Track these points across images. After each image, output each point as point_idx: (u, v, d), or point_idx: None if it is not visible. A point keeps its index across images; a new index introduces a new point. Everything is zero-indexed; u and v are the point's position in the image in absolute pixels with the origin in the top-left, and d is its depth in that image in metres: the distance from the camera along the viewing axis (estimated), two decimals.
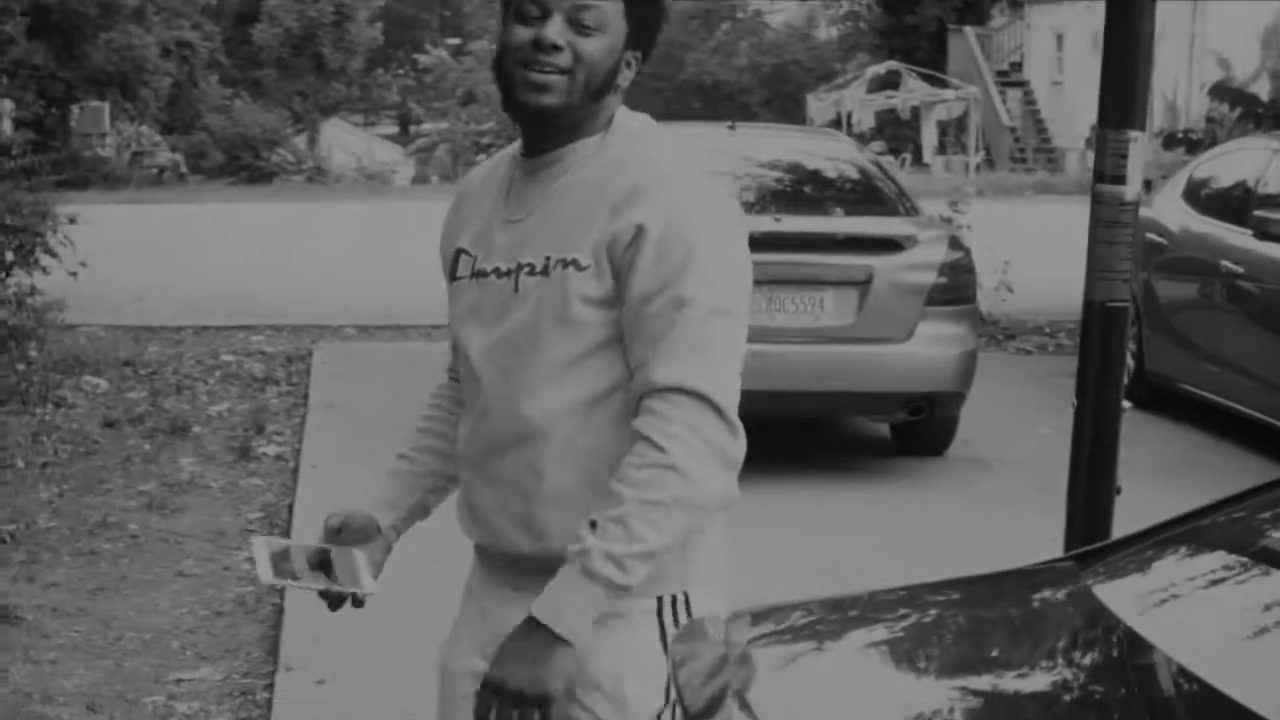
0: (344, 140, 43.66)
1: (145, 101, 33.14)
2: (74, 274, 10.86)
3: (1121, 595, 2.64)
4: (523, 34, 2.42)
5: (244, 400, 10.59)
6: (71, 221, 10.69)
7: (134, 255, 14.81)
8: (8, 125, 11.41)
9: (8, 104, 12.53)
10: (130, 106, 32.20)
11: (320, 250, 17.69)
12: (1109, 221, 5.13)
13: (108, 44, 31.71)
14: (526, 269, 2.42)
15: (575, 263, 2.37)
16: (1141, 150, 5.21)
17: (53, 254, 10.72)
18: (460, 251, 2.59)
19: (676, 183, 2.43)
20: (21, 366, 10.29)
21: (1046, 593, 2.90)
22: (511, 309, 2.44)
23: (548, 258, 2.40)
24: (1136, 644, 2.45)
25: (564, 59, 2.38)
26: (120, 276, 13.34)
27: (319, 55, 45.64)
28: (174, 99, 35.55)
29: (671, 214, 2.35)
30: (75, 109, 27.73)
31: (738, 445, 2.36)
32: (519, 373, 2.45)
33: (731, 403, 2.34)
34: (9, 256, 10.43)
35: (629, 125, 2.57)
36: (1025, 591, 2.94)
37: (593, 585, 2.27)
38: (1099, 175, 5.25)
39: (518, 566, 2.52)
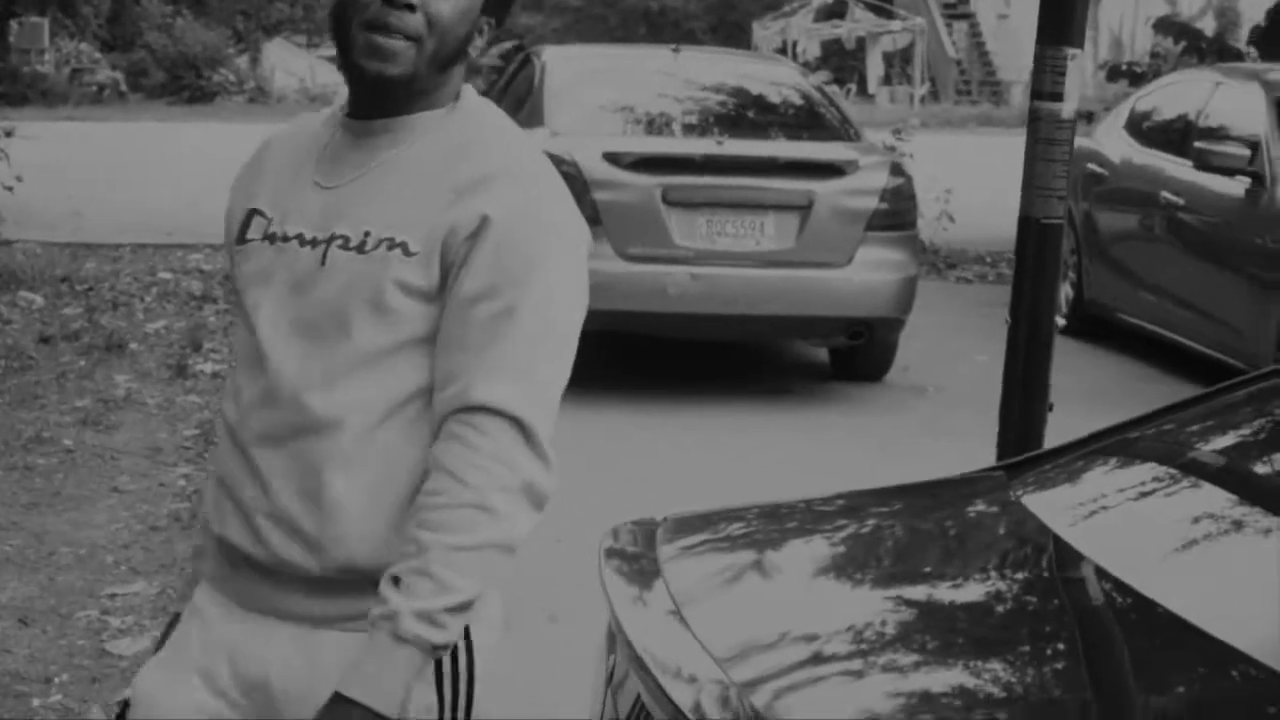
0: (287, 61, 42.80)
1: (85, 18, 32.88)
2: (9, 189, 10.72)
3: (1048, 504, 2.63)
4: None
5: (181, 318, 10.45)
6: (8, 135, 10.60)
7: (72, 172, 15.03)
8: None
9: None
10: (70, 23, 31.84)
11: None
12: (1046, 139, 5.13)
13: None
14: (339, 241, 2.07)
15: (403, 246, 2.04)
16: (1079, 68, 5.19)
17: None
18: (254, 212, 2.21)
19: (533, 179, 2.13)
20: None
21: (978, 502, 2.86)
22: (315, 283, 2.08)
23: (367, 233, 2.06)
24: (1063, 551, 2.47)
25: (415, 22, 2.03)
26: (58, 193, 13.31)
27: None
28: (115, 15, 35.36)
29: (522, 212, 2.05)
30: (14, 24, 27.34)
31: (550, 481, 2.05)
32: (315, 358, 2.09)
33: (549, 433, 2.05)
34: None
35: (479, 106, 2.25)
36: (957, 500, 2.91)
37: (407, 649, 1.97)
38: (1036, 93, 5.23)
39: (279, 580, 2.14)
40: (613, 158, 8.31)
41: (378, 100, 2.12)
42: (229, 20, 39.70)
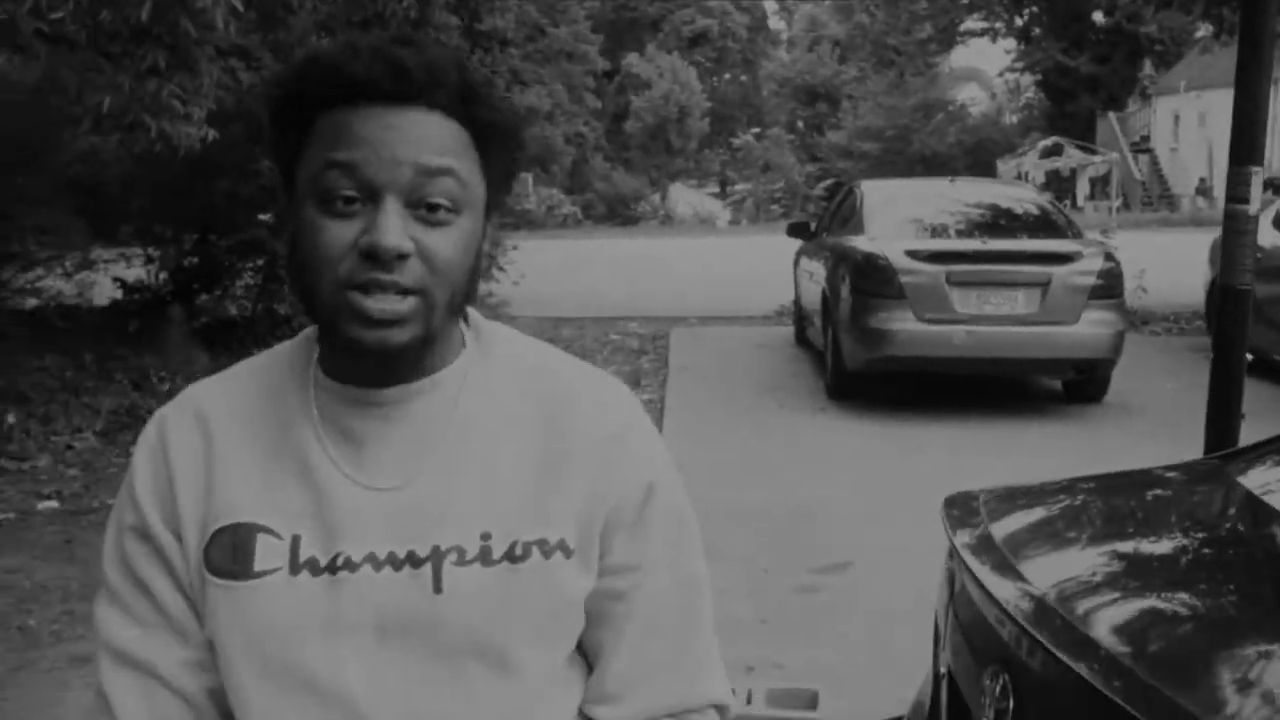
0: (684, 196, 48.69)
1: (554, 173, 36.58)
2: (516, 283, 11.37)
3: (1254, 480, 2.57)
4: (340, 235, 1.17)
5: (625, 364, 11.02)
6: (514, 249, 11.50)
7: (549, 272, 15.37)
8: None
9: None
10: (545, 176, 34.97)
11: (671, 268, 18.18)
12: (1237, 230, 5.46)
13: (529, 135, 35.60)
14: (452, 556, 1.25)
15: (562, 545, 1.28)
16: (1259, 179, 5.46)
17: (503, 270, 11.15)
18: (259, 531, 1.26)
19: (642, 423, 1.37)
20: None
21: (1203, 480, 2.82)
22: (430, 619, 1.24)
23: (487, 536, 1.26)
24: (1261, 510, 2.45)
25: (414, 272, 1.18)
26: (541, 286, 13.70)
27: (668, 141, 54.32)
28: (574, 170, 39.37)
29: (662, 466, 1.36)
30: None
31: None
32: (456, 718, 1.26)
33: None
34: None
35: (489, 327, 1.38)
36: (1187, 478, 2.84)
37: None
38: (1231, 198, 5.51)
39: None
40: (912, 253, 9.06)
41: (388, 369, 1.27)
42: (646, 171, 45.59)
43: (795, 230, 12.73)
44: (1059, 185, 36.87)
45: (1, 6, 5.72)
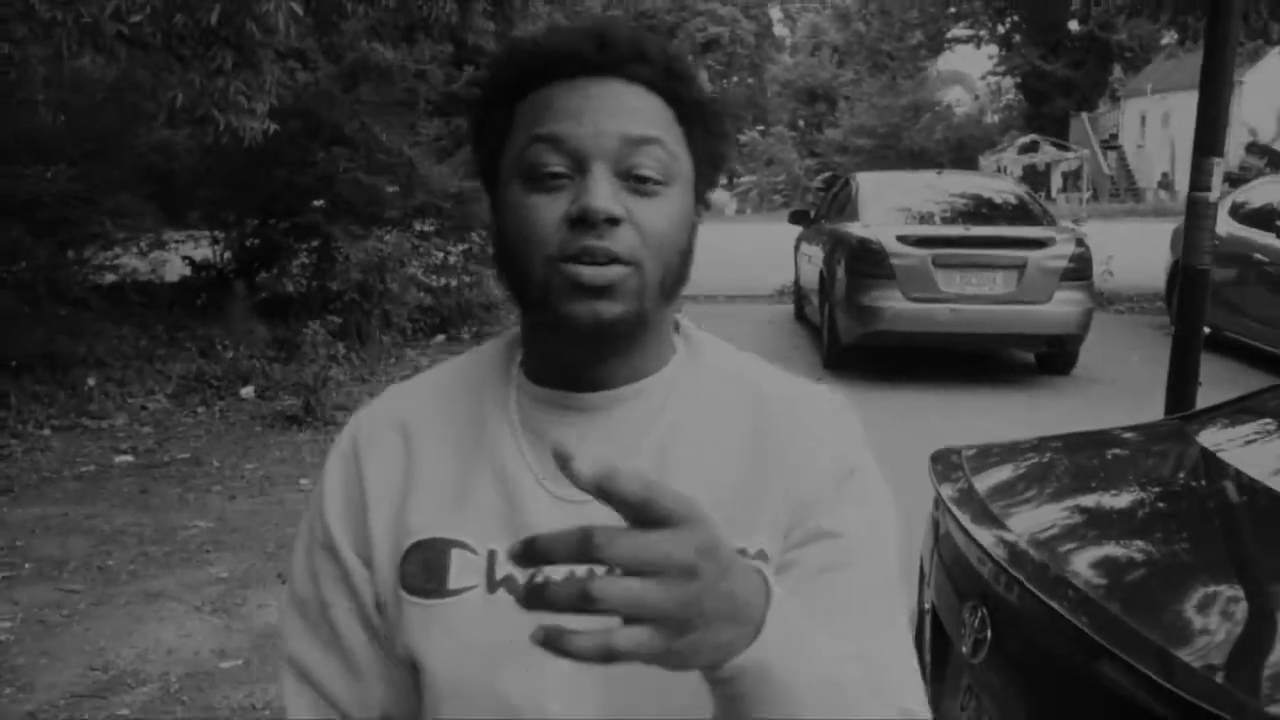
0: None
1: None
2: None
3: (1208, 437, 2.63)
4: (550, 209, 1.02)
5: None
6: None
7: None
8: None
9: None
10: None
11: None
12: (1199, 215, 5.47)
13: None
14: None
15: (761, 555, 1.08)
16: (1220, 170, 5.46)
17: None
18: (454, 546, 1.09)
19: (848, 426, 1.17)
20: (512, 317, 11.62)
21: (1165, 437, 2.87)
22: None
23: None
24: (1213, 461, 2.52)
25: (627, 240, 1.01)
26: None
27: None
28: None
29: (865, 461, 1.15)
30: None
31: None
32: None
33: None
34: None
35: (700, 336, 1.22)
36: (1150, 436, 2.90)
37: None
38: (1194, 186, 5.49)
39: None
40: (902, 238, 9.06)
41: (595, 358, 1.08)
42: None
43: (796, 218, 12.77)
44: (1035, 179, 36.90)
45: (86, 10, 5.73)
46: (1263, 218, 10.13)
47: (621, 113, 1.03)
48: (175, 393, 8.21)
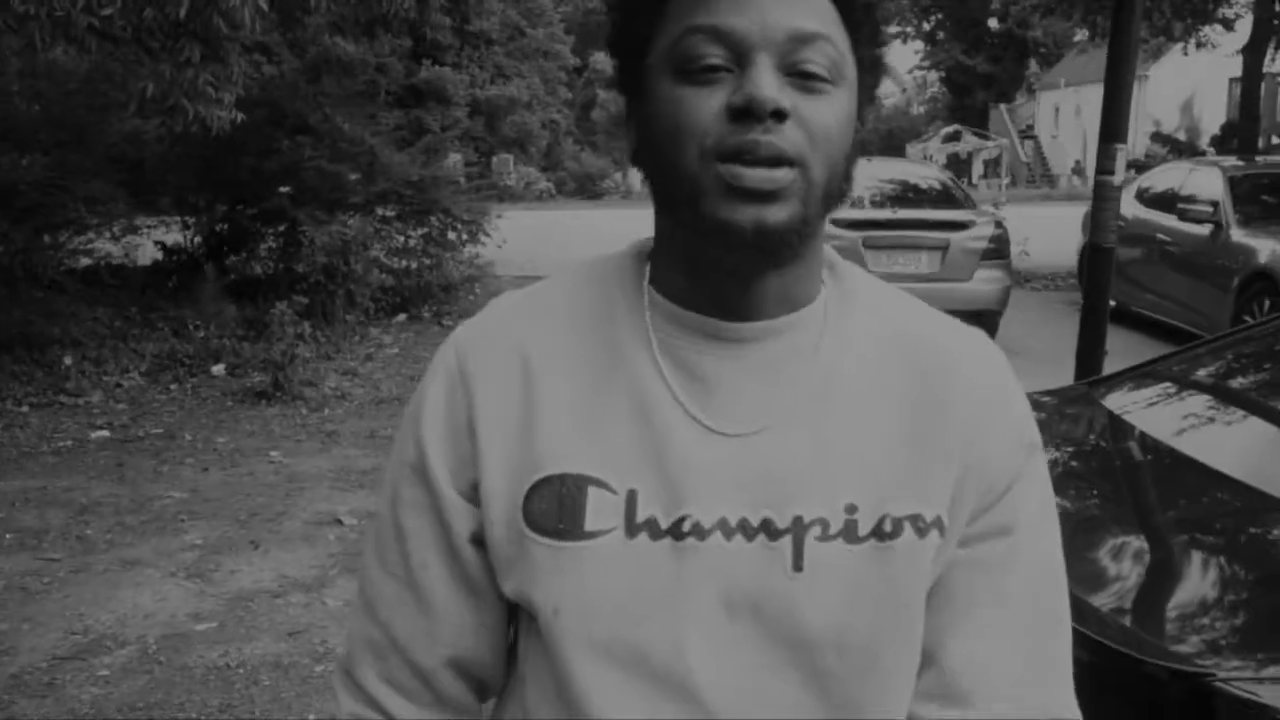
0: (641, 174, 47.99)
1: (532, 154, 36.09)
2: (500, 247, 11.10)
3: (1114, 401, 2.67)
4: (706, 101, 0.86)
5: None
6: (498, 218, 11.17)
7: (527, 238, 14.04)
8: (461, 167, 12.82)
9: (458, 156, 13.90)
10: (524, 156, 34.34)
11: (630, 234, 18.33)
12: (1104, 197, 5.62)
13: (510, 122, 34.56)
14: (815, 530, 0.89)
15: (938, 523, 0.91)
16: (1123, 156, 5.60)
17: (488, 235, 10.85)
18: (590, 484, 0.91)
19: (1015, 383, 1.00)
20: (472, 297, 10.83)
21: (1076, 401, 2.87)
22: (787, 601, 0.89)
23: (853, 509, 0.90)
24: (1119, 424, 2.55)
25: (794, 139, 0.85)
26: (519, 249, 12.73)
27: None
28: (548, 151, 38.65)
29: (1036, 430, 0.99)
30: (494, 158, 30.13)
31: None
32: (812, 711, 0.90)
33: None
34: (465, 237, 10.84)
35: (845, 266, 1.01)
36: (1065, 398, 2.91)
37: None
38: (1100, 170, 5.62)
39: None
40: (835, 220, 8.02)
41: (753, 271, 0.90)
42: (611, 153, 44.98)
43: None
44: (958, 166, 37.24)
45: (58, 4, 5.62)
46: (1164, 201, 10.24)
47: (788, 6, 0.87)
48: (149, 371, 8.10)
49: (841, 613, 0.89)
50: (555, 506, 0.91)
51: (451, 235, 10.88)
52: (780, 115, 0.85)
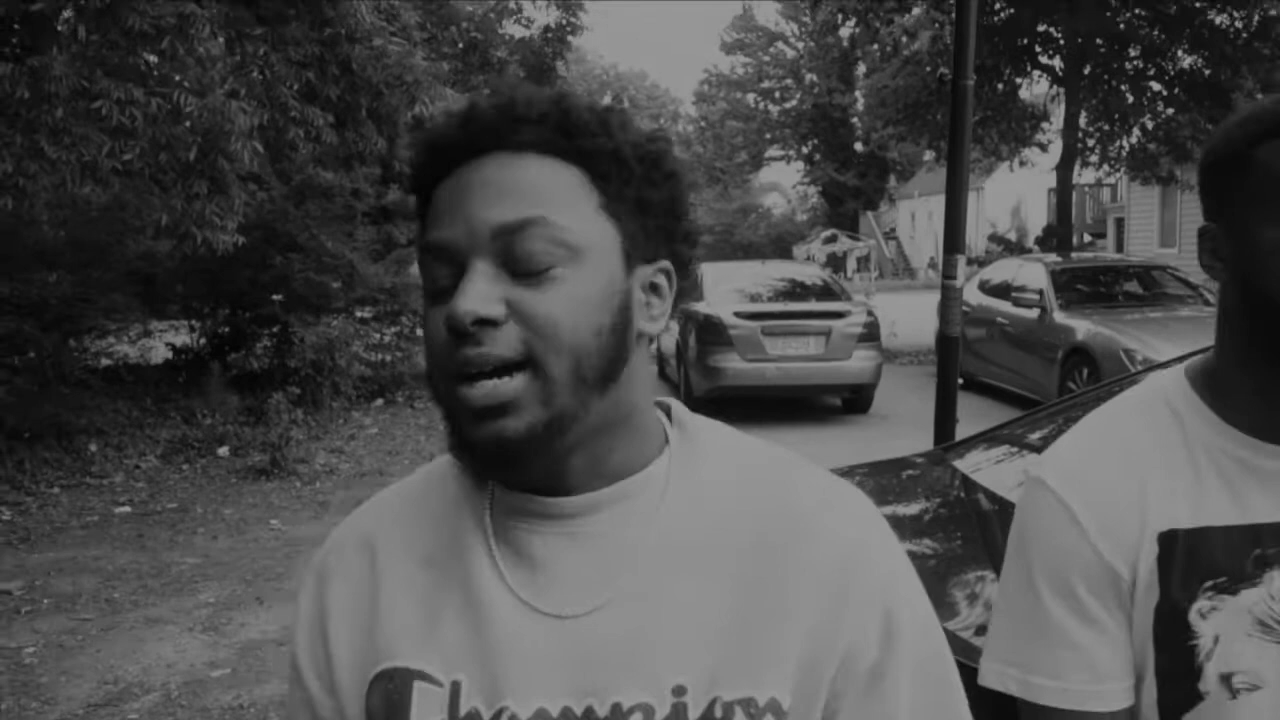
0: None
1: None
2: None
3: (964, 463, 2.63)
4: (438, 322, 0.72)
5: None
6: None
7: None
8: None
9: None
10: None
11: None
12: (949, 298, 5.75)
13: None
14: (637, 716, 0.71)
15: (773, 707, 0.71)
16: (963, 263, 5.77)
17: None
18: (415, 677, 0.75)
19: (882, 539, 0.78)
20: None
21: (931, 466, 2.82)
22: None
23: (681, 690, 0.71)
24: (969, 483, 2.49)
25: (508, 340, 0.70)
26: None
27: None
28: None
29: (906, 592, 0.77)
30: None
31: None
32: None
33: None
34: None
35: (698, 424, 0.83)
36: (921, 463, 2.88)
37: None
38: (946, 276, 5.78)
39: None
40: (738, 313, 9.17)
41: (507, 483, 0.78)
42: None
43: None
44: (835, 263, 37.94)
45: (85, 150, 5.63)
46: (1001, 290, 10.45)
47: (494, 198, 0.71)
48: (163, 454, 7.96)
49: None
50: (385, 703, 0.76)
51: (420, 332, 10.89)
52: (489, 322, 0.69)
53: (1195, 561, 0.94)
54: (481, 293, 0.70)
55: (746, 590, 0.74)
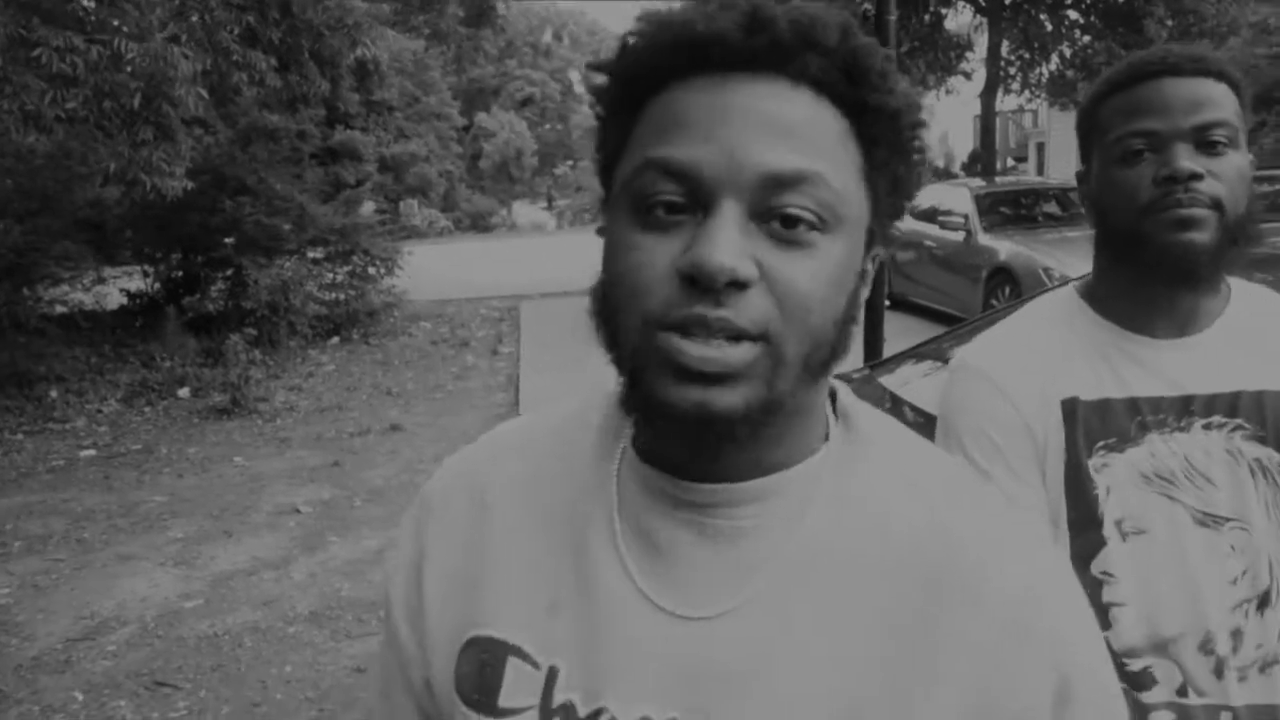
0: (523, 211, 46.75)
1: (432, 198, 34.55)
2: (410, 278, 10.80)
3: (890, 380, 2.65)
4: (656, 254, 0.57)
5: (492, 328, 10.66)
6: (409, 254, 10.93)
7: (431, 268, 13.66)
8: (375, 214, 12.48)
9: (371, 204, 13.47)
10: (426, 200, 32.60)
11: (517, 261, 16.87)
12: None
13: (412, 173, 33.29)
14: None
15: None
16: None
17: (401, 268, 10.59)
18: (511, 653, 0.64)
19: (1060, 588, 0.62)
20: (392, 319, 10.69)
21: (860, 384, 2.73)
22: None
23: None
24: (897, 399, 2.48)
25: (754, 310, 0.56)
26: (426, 278, 12.35)
27: (509, 173, 51.32)
28: (446, 195, 36.87)
29: (1084, 653, 0.61)
30: (402, 204, 29.39)
31: None
32: None
33: None
34: (383, 271, 10.60)
35: (867, 416, 0.68)
36: (853, 381, 2.75)
37: None
38: None
39: None
40: None
41: (712, 453, 0.61)
42: (497, 194, 44.30)
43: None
44: None
45: (28, 98, 5.44)
46: (928, 215, 10.44)
47: (766, 133, 0.58)
48: (124, 397, 7.85)
49: None
50: (475, 673, 0.67)
51: (371, 270, 10.71)
52: (739, 284, 0.57)
53: (1090, 426, 1.09)
54: (735, 245, 0.56)
55: (901, 623, 0.61)
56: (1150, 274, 1.11)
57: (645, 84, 0.61)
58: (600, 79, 0.64)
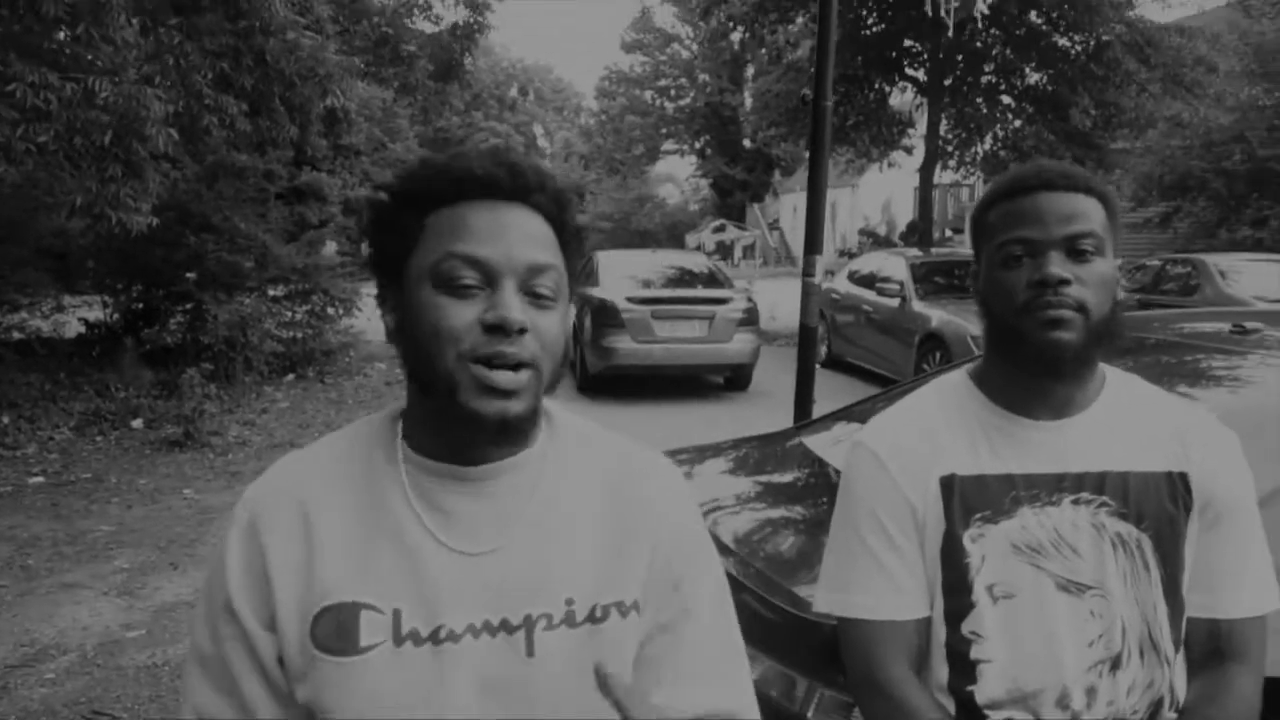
0: None
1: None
2: (369, 320, 9.97)
3: (815, 441, 2.69)
4: (463, 312, 0.91)
5: None
6: (369, 295, 11.09)
7: None
8: (336, 255, 12.37)
9: (334, 245, 13.32)
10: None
11: None
12: (808, 292, 6.10)
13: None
14: (543, 622, 0.94)
15: (636, 605, 0.97)
16: (821, 262, 6.05)
17: (359, 309, 10.45)
18: (362, 608, 0.93)
19: (681, 487, 1.06)
20: (347, 359, 10.70)
21: (786, 441, 2.82)
22: (520, 682, 0.93)
23: (570, 602, 0.94)
24: (815, 459, 2.54)
25: (530, 348, 0.92)
26: None
27: None
28: None
29: (696, 517, 1.06)
30: (363, 246, 29.01)
31: None
32: None
33: None
34: (341, 311, 10.53)
35: (558, 413, 1.05)
36: (780, 439, 2.89)
37: None
38: (805, 273, 6.15)
39: None
40: (630, 299, 9.14)
41: (490, 442, 0.94)
42: None
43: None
44: (724, 250, 38.37)
45: (1, 133, 5.39)
46: (867, 280, 10.68)
47: (526, 240, 0.92)
48: (77, 426, 7.68)
49: (570, 682, 0.92)
50: (336, 629, 0.91)
51: (330, 310, 10.63)
52: (522, 330, 0.90)
53: (967, 499, 1.19)
54: (519, 308, 0.90)
55: (607, 532, 0.97)
56: (1027, 365, 1.21)
57: (430, 203, 0.93)
58: (384, 198, 0.95)
